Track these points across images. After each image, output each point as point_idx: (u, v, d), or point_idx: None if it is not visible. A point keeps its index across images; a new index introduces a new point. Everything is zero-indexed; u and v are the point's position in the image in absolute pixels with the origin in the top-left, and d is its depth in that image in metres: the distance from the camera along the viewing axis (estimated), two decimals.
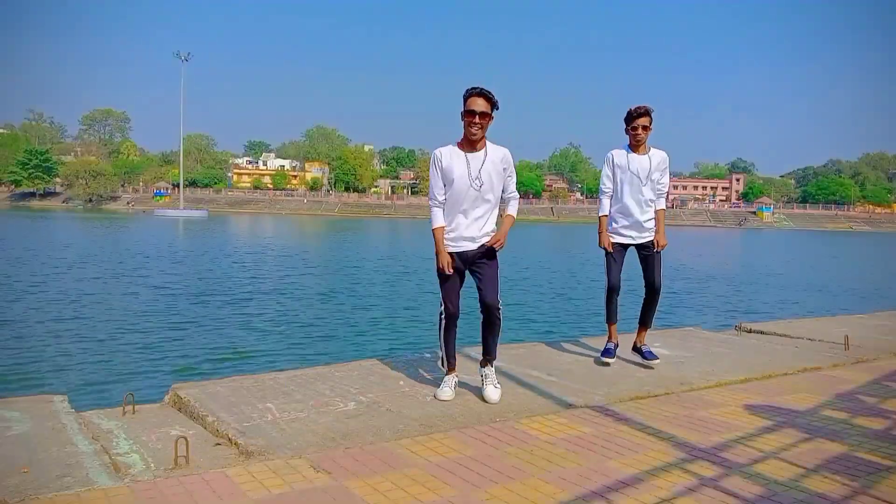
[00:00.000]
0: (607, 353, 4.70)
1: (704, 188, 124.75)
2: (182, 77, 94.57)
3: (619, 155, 4.67)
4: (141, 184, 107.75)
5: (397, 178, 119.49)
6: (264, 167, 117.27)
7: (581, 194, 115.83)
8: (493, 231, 3.82)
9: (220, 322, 10.93)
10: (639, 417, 3.55)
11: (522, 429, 3.32)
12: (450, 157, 3.72)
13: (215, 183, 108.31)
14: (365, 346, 9.34)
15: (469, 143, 3.70)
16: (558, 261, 26.42)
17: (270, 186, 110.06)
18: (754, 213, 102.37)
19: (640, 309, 4.84)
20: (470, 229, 3.75)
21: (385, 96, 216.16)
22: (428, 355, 4.90)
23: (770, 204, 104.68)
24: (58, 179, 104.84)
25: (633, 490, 2.61)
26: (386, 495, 2.51)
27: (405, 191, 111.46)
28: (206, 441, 3.10)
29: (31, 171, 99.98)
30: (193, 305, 12.54)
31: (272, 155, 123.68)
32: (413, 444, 3.06)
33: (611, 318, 4.78)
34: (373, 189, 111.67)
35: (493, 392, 3.79)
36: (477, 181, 3.68)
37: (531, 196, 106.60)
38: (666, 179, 4.72)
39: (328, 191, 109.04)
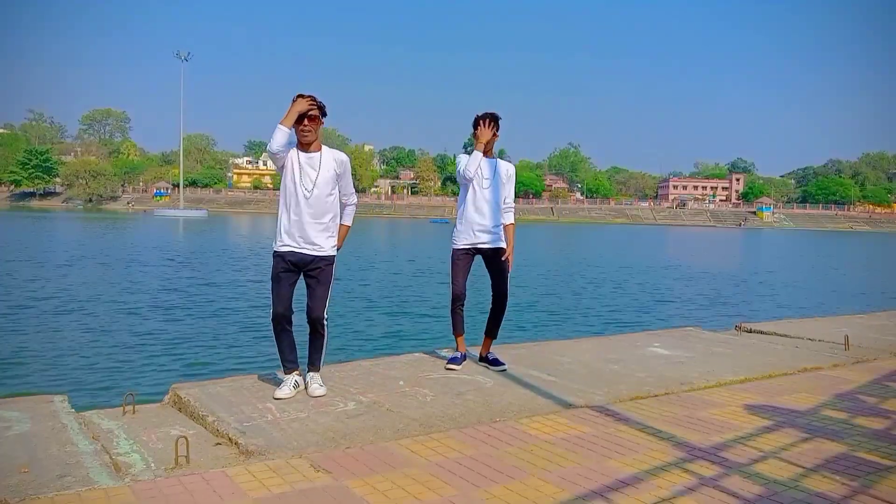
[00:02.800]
0: (454, 360, 4.54)
1: (704, 188, 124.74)
2: (182, 77, 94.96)
3: (466, 159, 4.60)
4: (141, 184, 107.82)
5: (397, 178, 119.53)
6: (264, 167, 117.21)
7: (581, 194, 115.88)
8: (332, 237, 3.88)
9: (221, 322, 10.92)
10: (639, 417, 3.56)
11: (522, 429, 3.32)
12: (292, 153, 3.80)
13: (215, 183, 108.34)
14: (365, 346, 9.34)
15: (302, 146, 3.80)
16: (558, 261, 26.42)
17: (270, 186, 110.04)
18: (754, 213, 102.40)
19: (490, 320, 4.66)
20: (303, 231, 3.79)
21: (385, 96, 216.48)
22: (428, 355, 4.90)
23: (770, 204, 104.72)
24: (58, 179, 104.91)
25: (633, 490, 2.61)
26: (386, 495, 2.51)
27: (405, 191, 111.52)
28: (207, 441, 3.10)
29: (31, 171, 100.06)
30: (193, 305, 12.54)
31: None
32: (413, 444, 3.06)
33: (457, 328, 4.62)
34: (373, 189, 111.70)
35: (317, 388, 3.79)
36: (309, 184, 3.77)
37: (531, 196, 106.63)
38: (511, 194, 4.63)
39: None
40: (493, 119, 4.45)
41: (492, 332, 4.65)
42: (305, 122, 3.71)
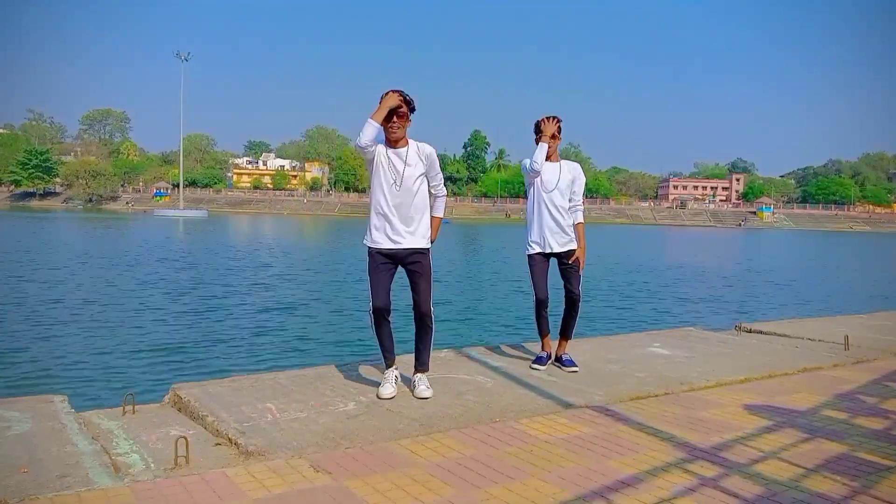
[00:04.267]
0: (539, 360, 4.61)
1: (704, 188, 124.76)
2: (182, 77, 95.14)
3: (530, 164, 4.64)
4: (141, 184, 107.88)
5: None
6: (264, 167, 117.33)
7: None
8: (426, 229, 3.89)
9: (221, 322, 10.93)
10: (639, 417, 3.55)
11: (522, 429, 3.31)
12: (380, 149, 3.81)
13: (215, 183, 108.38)
14: (365, 347, 9.34)
15: (390, 143, 3.81)
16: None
17: (270, 186, 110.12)
18: (754, 213, 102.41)
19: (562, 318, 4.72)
20: (399, 227, 3.81)
21: None
22: None
23: (770, 204, 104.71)
24: (58, 179, 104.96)
25: (633, 490, 2.61)
26: (386, 495, 2.51)
27: None
28: (206, 441, 3.10)
29: (31, 171, 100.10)
30: (193, 305, 12.54)
31: (272, 155, 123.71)
32: (413, 444, 3.06)
33: (542, 331, 4.67)
34: None
35: (424, 390, 3.81)
36: (399, 179, 3.78)
37: None
38: (579, 193, 4.62)
39: (328, 191, 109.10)
40: (557, 119, 4.47)
41: (564, 333, 4.68)
42: (394, 118, 3.72)
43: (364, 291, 3.93)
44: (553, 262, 4.68)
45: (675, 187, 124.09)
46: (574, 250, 4.59)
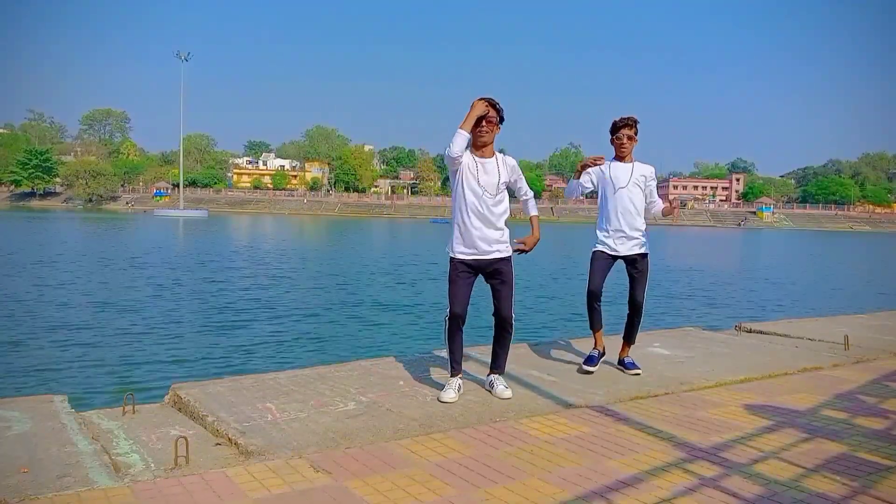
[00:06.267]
0: (590, 360, 4.54)
1: (704, 188, 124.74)
2: (182, 77, 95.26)
3: (603, 165, 4.65)
4: (141, 184, 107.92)
5: (397, 178, 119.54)
6: (264, 167, 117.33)
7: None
8: (505, 239, 3.93)
9: (220, 322, 10.92)
10: (639, 417, 3.55)
11: (522, 429, 3.31)
12: (466, 157, 3.86)
13: (215, 183, 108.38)
14: (365, 347, 9.34)
15: (478, 150, 3.87)
16: (557, 262, 26.41)
17: (270, 186, 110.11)
18: (754, 213, 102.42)
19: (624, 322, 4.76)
20: (484, 236, 3.86)
21: (385, 96, 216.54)
22: (427, 355, 4.90)
23: (770, 204, 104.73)
24: (58, 179, 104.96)
25: (633, 490, 2.61)
26: (386, 495, 2.51)
27: (405, 191, 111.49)
28: (206, 441, 3.10)
29: (31, 171, 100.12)
30: (193, 305, 12.54)
31: (272, 155, 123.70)
32: (413, 444, 3.06)
33: (594, 325, 4.64)
34: (373, 189, 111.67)
35: (504, 390, 3.87)
36: (485, 189, 3.84)
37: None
38: (653, 192, 4.63)
39: (328, 191, 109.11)
40: (625, 125, 4.48)
41: (628, 338, 4.69)
42: (483, 124, 3.78)
43: (364, 291, 3.93)
44: (621, 267, 4.70)
45: (675, 187, 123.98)
46: (643, 254, 4.59)
